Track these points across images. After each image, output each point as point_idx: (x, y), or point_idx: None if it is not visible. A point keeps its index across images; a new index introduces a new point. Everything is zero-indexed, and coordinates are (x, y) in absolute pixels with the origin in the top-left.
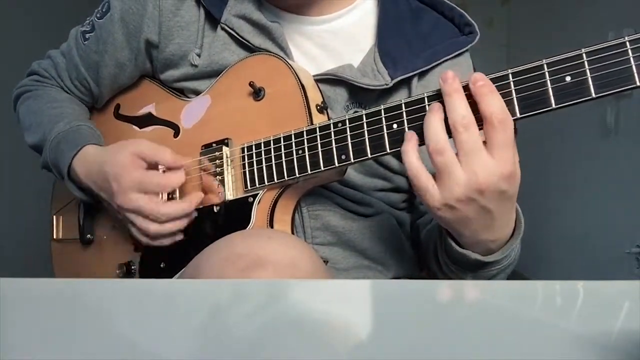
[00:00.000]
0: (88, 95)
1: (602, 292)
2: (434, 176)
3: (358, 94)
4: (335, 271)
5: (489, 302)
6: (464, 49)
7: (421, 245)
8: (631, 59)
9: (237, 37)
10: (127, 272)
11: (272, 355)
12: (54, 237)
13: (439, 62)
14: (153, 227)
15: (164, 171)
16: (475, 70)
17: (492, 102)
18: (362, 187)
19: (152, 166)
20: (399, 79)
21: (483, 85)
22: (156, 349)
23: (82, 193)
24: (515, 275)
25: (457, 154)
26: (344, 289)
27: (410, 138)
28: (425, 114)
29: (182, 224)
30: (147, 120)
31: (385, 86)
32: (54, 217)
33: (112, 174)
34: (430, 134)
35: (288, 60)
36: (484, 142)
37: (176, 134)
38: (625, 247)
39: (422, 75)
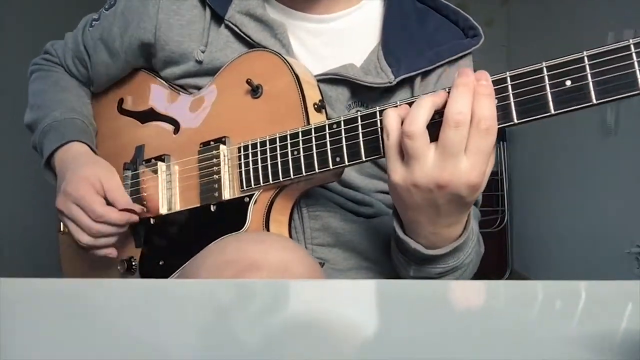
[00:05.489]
0: (85, 76)
1: (602, 292)
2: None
3: (360, 92)
4: (334, 272)
5: (489, 302)
6: (468, 51)
7: None
8: (635, 63)
9: (240, 33)
10: (128, 267)
11: (276, 355)
12: (61, 229)
13: (442, 62)
14: (85, 239)
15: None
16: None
17: (485, 105)
18: (362, 188)
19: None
20: (402, 77)
21: (484, 86)
22: (158, 349)
23: (56, 182)
24: (515, 275)
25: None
26: (346, 289)
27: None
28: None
29: (114, 239)
30: (149, 116)
31: (388, 84)
32: None
33: (67, 177)
34: (410, 115)
35: (285, 57)
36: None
37: (176, 131)
38: (625, 247)
39: (424, 75)
